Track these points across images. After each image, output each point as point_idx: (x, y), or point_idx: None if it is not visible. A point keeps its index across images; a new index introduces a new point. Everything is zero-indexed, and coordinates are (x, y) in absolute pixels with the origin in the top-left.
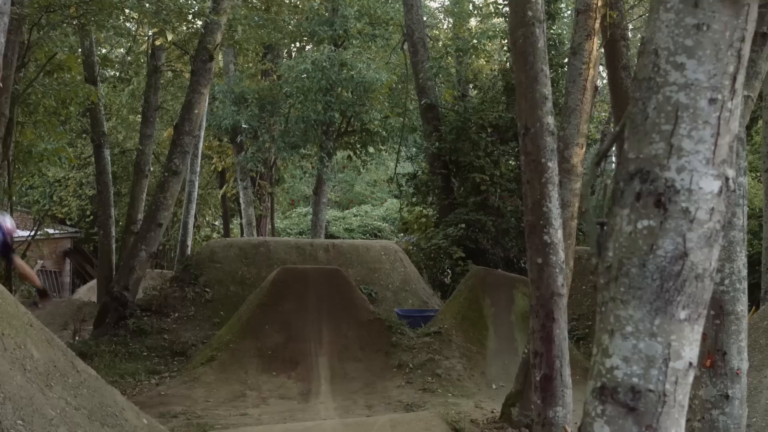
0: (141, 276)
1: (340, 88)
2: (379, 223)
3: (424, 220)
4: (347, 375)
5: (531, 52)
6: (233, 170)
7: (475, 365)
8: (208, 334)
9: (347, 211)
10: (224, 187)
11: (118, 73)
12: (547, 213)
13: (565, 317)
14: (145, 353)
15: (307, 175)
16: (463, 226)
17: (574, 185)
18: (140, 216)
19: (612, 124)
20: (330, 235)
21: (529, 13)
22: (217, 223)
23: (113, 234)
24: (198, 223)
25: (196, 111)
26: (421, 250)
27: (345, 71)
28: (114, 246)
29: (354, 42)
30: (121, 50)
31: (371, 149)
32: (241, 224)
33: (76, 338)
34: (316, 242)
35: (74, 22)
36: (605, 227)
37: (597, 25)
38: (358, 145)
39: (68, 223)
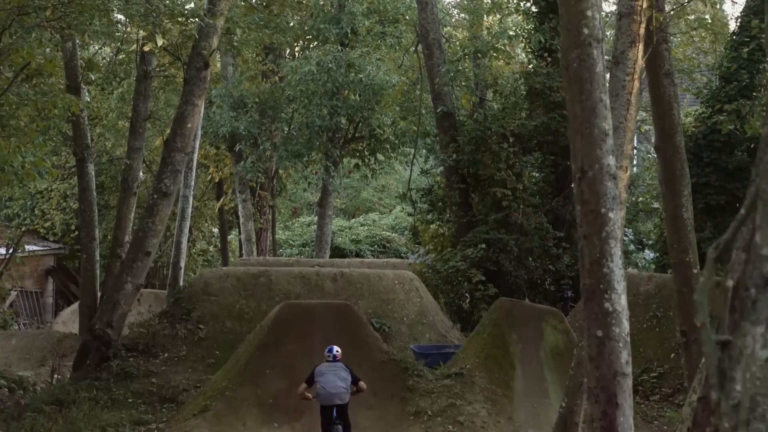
0: (126, 311)
1: (346, 91)
2: (388, 234)
3: (440, 239)
4: (358, 425)
5: (588, 79)
6: (231, 181)
7: (501, 410)
8: (202, 378)
9: (354, 220)
10: (222, 199)
11: (104, 76)
12: (608, 275)
13: (631, 401)
14: (130, 400)
15: (311, 186)
16: (484, 246)
17: (619, 214)
18: (127, 238)
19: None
20: (335, 247)
21: (585, 31)
22: (215, 230)
23: (97, 258)
24: (193, 237)
25: (189, 125)
26: (437, 273)
27: (353, 73)
28: (98, 272)
29: (362, 41)
30: (108, 51)
31: (380, 157)
32: (240, 239)
33: (55, 377)
34: (323, 271)
35: (52, 26)
36: (729, 349)
37: (642, 30)
38: (367, 153)
39: (51, 238)
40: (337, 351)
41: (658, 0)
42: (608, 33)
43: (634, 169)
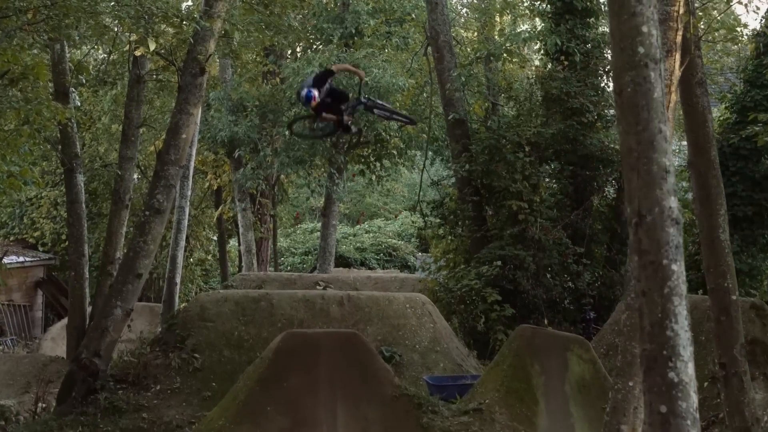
0: (115, 339)
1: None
2: (394, 241)
3: (453, 255)
4: None
5: (644, 106)
6: (230, 189)
7: None
8: (197, 414)
9: (358, 226)
10: (220, 208)
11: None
12: (672, 339)
13: None
14: None
15: (314, 194)
16: (499, 263)
17: None
18: (118, 254)
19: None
20: (339, 256)
21: (641, 50)
22: (214, 237)
23: (86, 275)
24: (191, 247)
25: (183, 135)
26: (450, 292)
27: None
28: (87, 290)
29: (367, 40)
30: (101, 52)
31: (387, 163)
32: (239, 251)
33: (39, 406)
34: (329, 294)
35: (35, 29)
36: None
37: (678, 38)
38: (372, 159)
39: (41, 248)
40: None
41: (690, 4)
42: None
43: None
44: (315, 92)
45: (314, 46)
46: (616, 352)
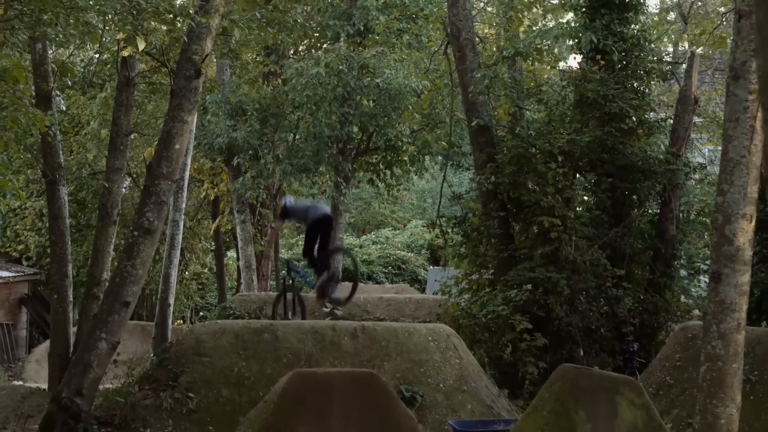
0: (100, 376)
1: (359, 97)
2: (403, 253)
3: (475, 277)
4: None
5: None
6: (228, 199)
7: None
8: None
9: (364, 237)
10: (218, 220)
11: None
12: None
13: None
14: None
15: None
16: (530, 286)
17: (741, 278)
18: (105, 275)
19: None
20: (344, 270)
21: None
22: (210, 247)
23: (70, 298)
24: (186, 260)
25: (177, 146)
26: (473, 319)
27: (370, 78)
28: (71, 314)
29: (376, 38)
30: (90, 53)
31: (397, 171)
32: (238, 266)
33: None
34: (340, 325)
35: (10, 26)
36: None
37: None
38: (382, 166)
39: (25, 263)
40: None
41: None
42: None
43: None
44: None
45: (318, 45)
46: (668, 392)
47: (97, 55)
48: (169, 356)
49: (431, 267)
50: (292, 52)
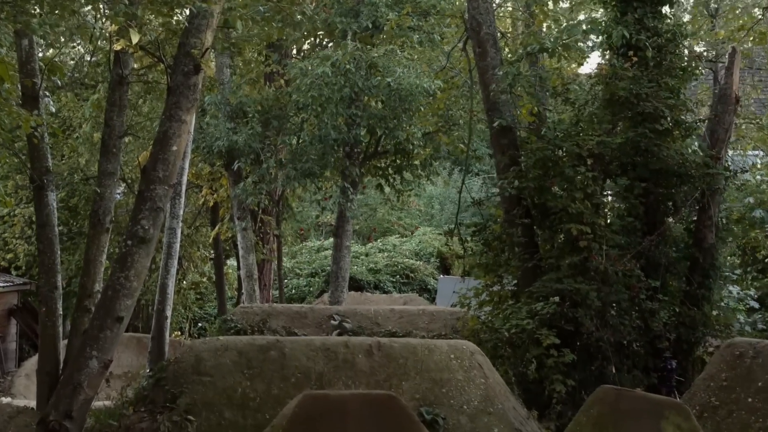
0: (90, 397)
1: (367, 98)
2: (411, 261)
3: (497, 288)
4: None
5: None
6: (228, 206)
7: None
8: None
9: (370, 244)
10: (217, 227)
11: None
12: None
13: None
14: None
15: (325, 211)
16: (557, 299)
17: None
18: (98, 287)
19: None
20: (351, 278)
21: None
22: (210, 254)
23: (59, 311)
24: (184, 269)
25: (174, 147)
26: (495, 333)
27: (380, 78)
28: (61, 329)
29: (384, 37)
30: (82, 50)
31: (408, 176)
32: (239, 275)
33: None
34: (353, 341)
35: None
36: None
37: None
38: (391, 171)
39: (14, 272)
40: None
41: None
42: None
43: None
44: None
45: (324, 43)
46: (713, 414)
47: (91, 55)
48: (167, 375)
49: (441, 276)
50: (295, 51)
